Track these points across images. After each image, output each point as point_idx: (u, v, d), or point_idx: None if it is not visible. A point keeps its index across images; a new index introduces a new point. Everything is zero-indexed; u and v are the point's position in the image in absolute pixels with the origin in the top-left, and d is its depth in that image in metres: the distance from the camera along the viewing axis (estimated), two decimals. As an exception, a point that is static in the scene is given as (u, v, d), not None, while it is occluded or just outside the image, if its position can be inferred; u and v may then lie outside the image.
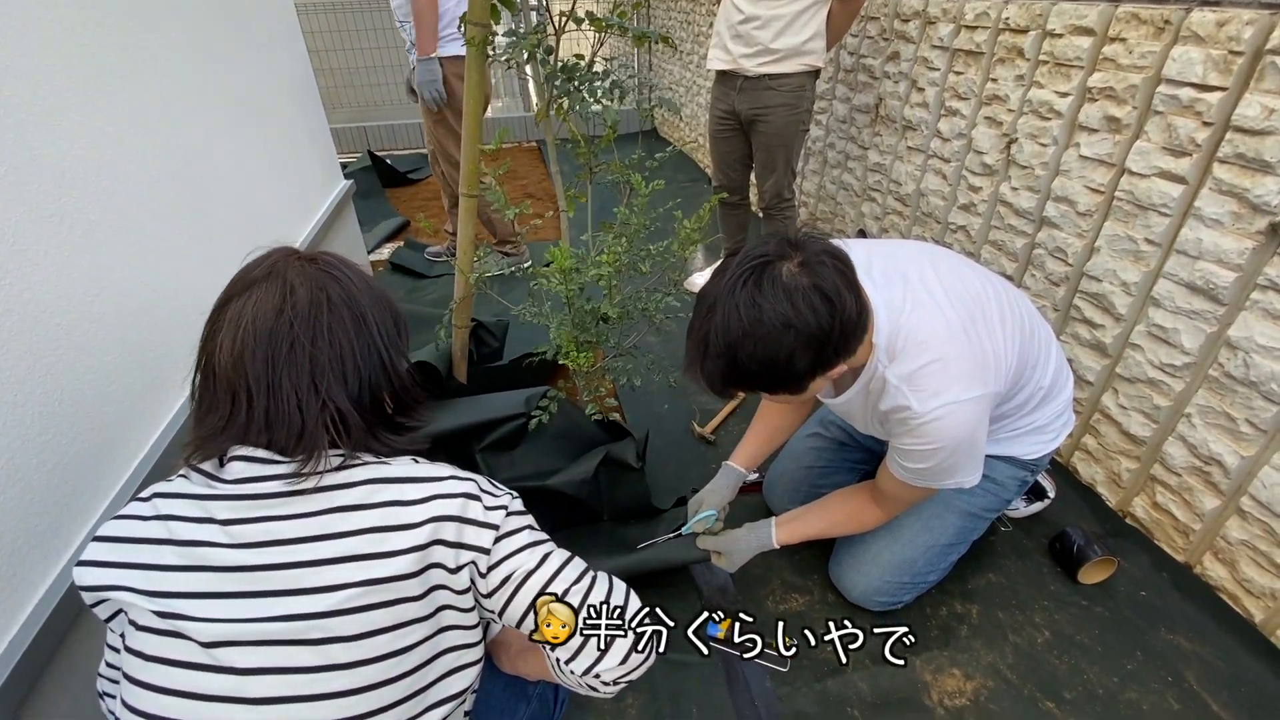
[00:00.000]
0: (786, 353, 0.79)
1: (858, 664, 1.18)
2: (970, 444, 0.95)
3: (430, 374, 1.36)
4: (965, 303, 0.97)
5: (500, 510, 0.64)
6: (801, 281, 0.78)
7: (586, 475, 1.31)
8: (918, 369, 0.92)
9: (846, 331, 0.81)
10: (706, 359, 0.82)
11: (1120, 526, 1.43)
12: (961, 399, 0.91)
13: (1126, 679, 1.15)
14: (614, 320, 1.25)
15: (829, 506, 1.19)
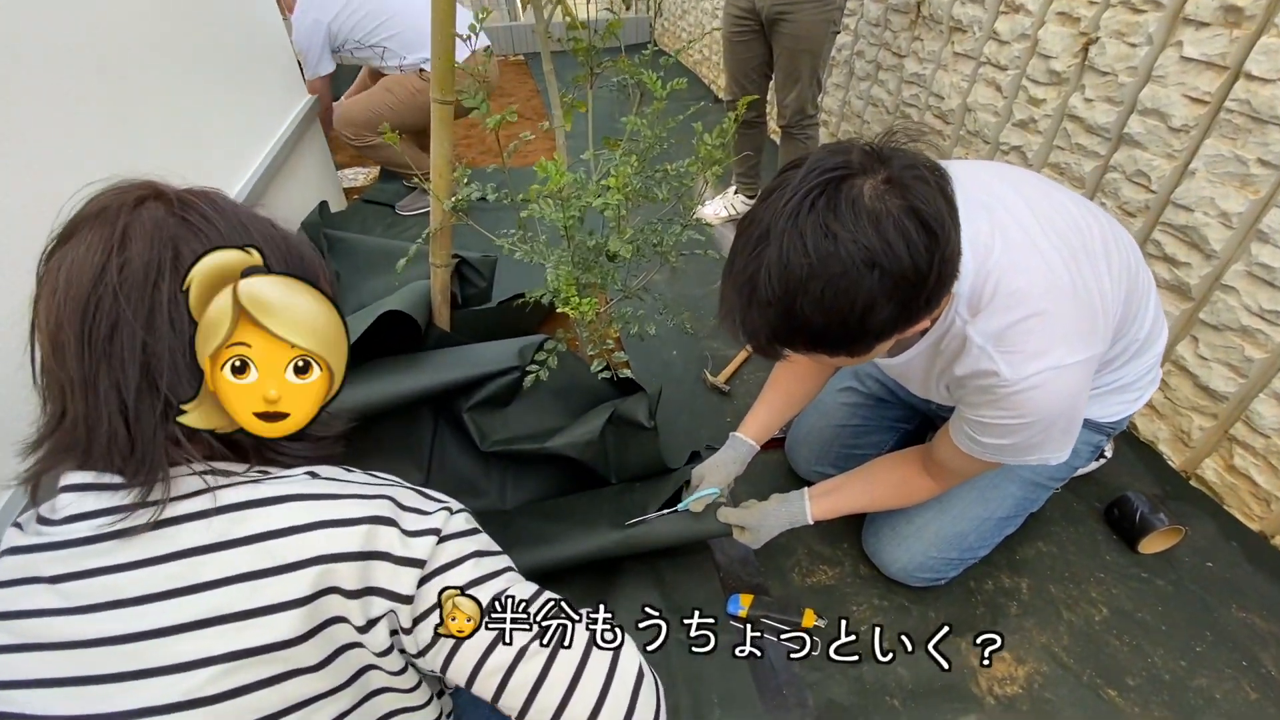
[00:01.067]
0: (865, 301, 0.59)
1: (896, 645, 1.05)
2: (1069, 416, 0.78)
3: (404, 324, 1.16)
4: (1066, 238, 0.77)
5: (427, 537, 0.47)
6: (891, 203, 0.58)
7: (592, 435, 1.15)
8: (1011, 325, 0.73)
9: (946, 274, 0.62)
10: (753, 306, 0.63)
11: (1182, 489, 1.29)
12: (1065, 363, 0.73)
13: (1196, 663, 1.03)
14: (623, 259, 1.05)
15: (872, 477, 1.04)
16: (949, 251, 0.61)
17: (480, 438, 1.15)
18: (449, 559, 0.48)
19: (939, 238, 0.59)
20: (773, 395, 1.15)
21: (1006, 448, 0.81)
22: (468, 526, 0.51)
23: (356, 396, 1.08)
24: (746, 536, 1.07)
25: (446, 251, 1.13)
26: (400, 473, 1.21)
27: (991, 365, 0.74)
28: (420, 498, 0.50)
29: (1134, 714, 0.97)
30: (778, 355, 0.67)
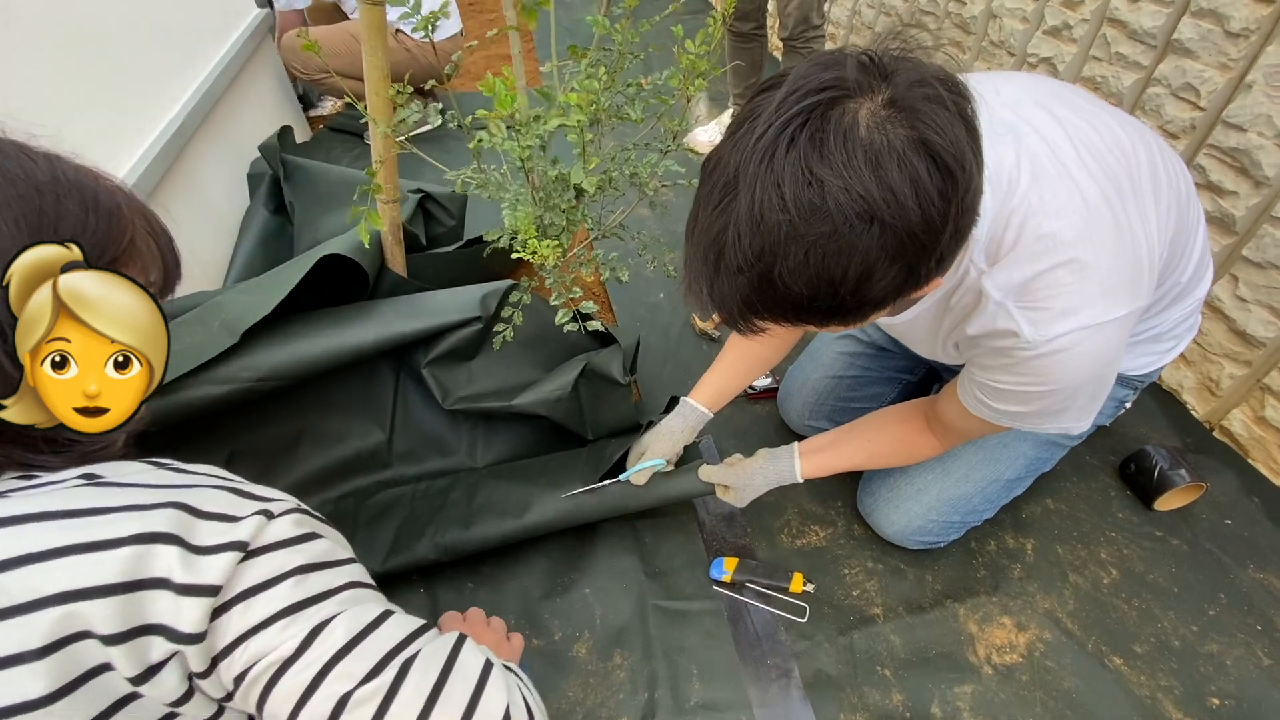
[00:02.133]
0: (861, 265, 0.47)
1: (890, 612, 0.99)
2: (1099, 382, 0.67)
3: (351, 269, 1.04)
4: (1108, 167, 0.64)
5: (225, 554, 0.38)
6: (895, 135, 0.45)
7: (563, 391, 1.05)
8: (1037, 276, 0.61)
9: (963, 225, 0.49)
10: (721, 274, 0.50)
11: (1204, 441, 1.20)
12: (1100, 320, 0.61)
13: (1207, 627, 0.97)
14: (591, 194, 0.91)
15: (868, 434, 0.94)
16: (969, 197, 0.47)
17: (442, 395, 1.05)
18: (258, 580, 0.39)
19: (956, 180, 0.46)
20: (732, 357, 1.03)
21: (1023, 415, 0.71)
22: (295, 532, 0.42)
23: (300, 350, 0.97)
24: (731, 496, 0.99)
25: (394, 185, 0.99)
26: (361, 432, 1.14)
27: (1010, 324, 0.63)
28: (233, 499, 0.41)
29: (1139, 683, 0.91)
30: (754, 328, 0.55)
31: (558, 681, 0.92)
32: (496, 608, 1.00)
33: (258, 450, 1.08)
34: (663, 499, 1.03)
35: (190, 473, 0.42)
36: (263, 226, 1.54)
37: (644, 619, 0.98)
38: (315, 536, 0.43)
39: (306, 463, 1.11)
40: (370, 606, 0.44)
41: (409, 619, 0.46)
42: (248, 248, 1.49)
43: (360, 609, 0.43)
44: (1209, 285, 0.86)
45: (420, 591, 1.02)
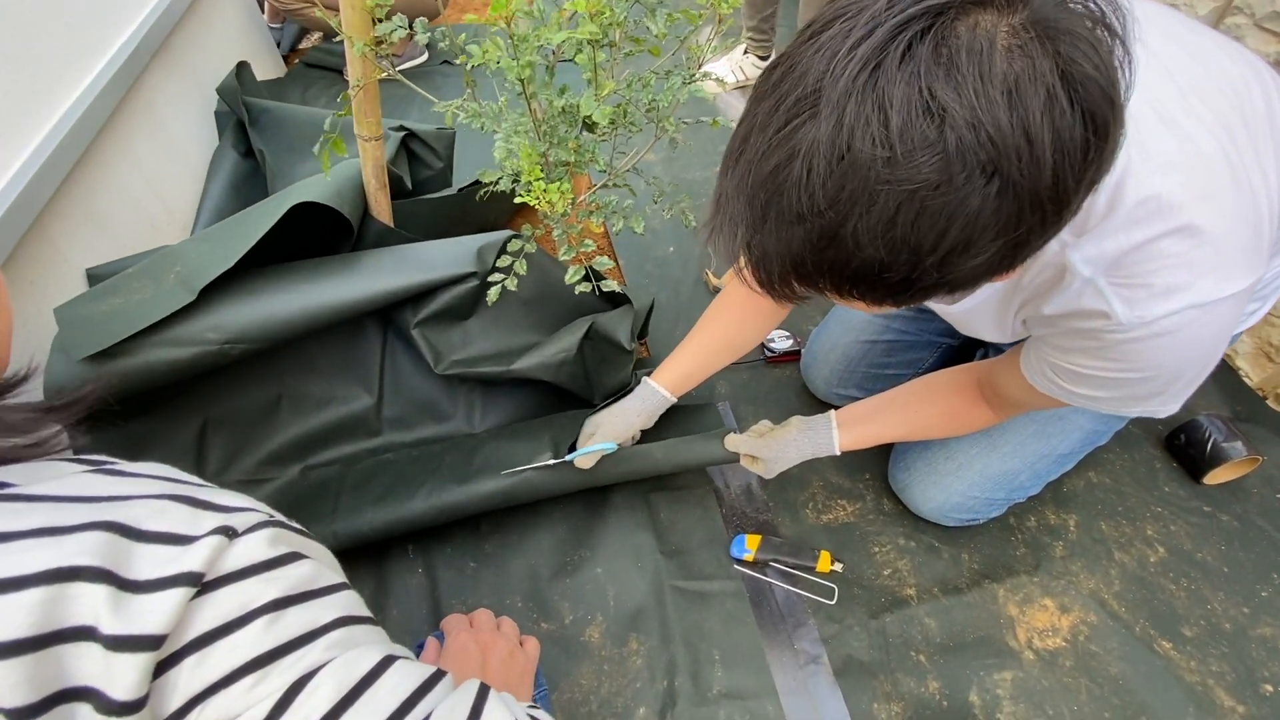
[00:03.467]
0: (962, 232, 0.35)
1: (924, 594, 0.92)
2: (1203, 366, 0.57)
3: (330, 217, 0.92)
4: (1219, 109, 0.52)
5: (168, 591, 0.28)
6: (1041, 64, 0.33)
7: (567, 354, 0.95)
8: (1137, 248, 0.50)
9: (1085, 197, 0.38)
10: (770, 220, 0.38)
11: (1257, 409, 1.13)
12: (1212, 298, 0.50)
13: (1260, 609, 0.91)
14: (604, 128, 0.79)
15: (915, 404, 0.85)
16: (1108, 161, 0.37)
17: (434, 359, 0.95)
18: (217, 621, 0.29)
19: (1106, 135, 0.35)
20: (706, 338, 0.90)
21: (1104, 399, 0.61)
22: (268, 554, 0.32)
23: (273, 309, 0.86)
24: (759, 467, 0.90)
25: (376, 120, 0.86)
26: (347, 397, 1.04)
27: (1100, 304, 0.52)
28: (185, 513, 0.31)
29: (1189, 669, 0.86)
30: (791, 295, 0.43)
31: (569, 669, 0.85)
32: (501, 589, 0.92)
33: (234, 417, 0.99)
34: (683, 465, 0.95)
35: (131, 476, 0.32)
36: (233, 169, 1.40)
37: (661, 601, 0.91)
38: (295, 558, 0.33)
39: (288, 429, 1.02)
40: (367, 652, 0.34)
41: (416, 667, 0.36)
42: (217, 193, 1.35)
43: (353, 656, 0.33)
44: None
45: (419, 572, 0.94)
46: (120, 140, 1.16)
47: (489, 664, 0.55)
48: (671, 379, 0.91)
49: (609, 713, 0.82)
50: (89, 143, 1.04)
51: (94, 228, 1.06)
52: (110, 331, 0.79)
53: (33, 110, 0.96)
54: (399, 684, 0.34)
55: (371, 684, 0.32)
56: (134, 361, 0.82)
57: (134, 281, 0.83)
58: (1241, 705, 0.83)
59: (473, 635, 0.57)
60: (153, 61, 1.28)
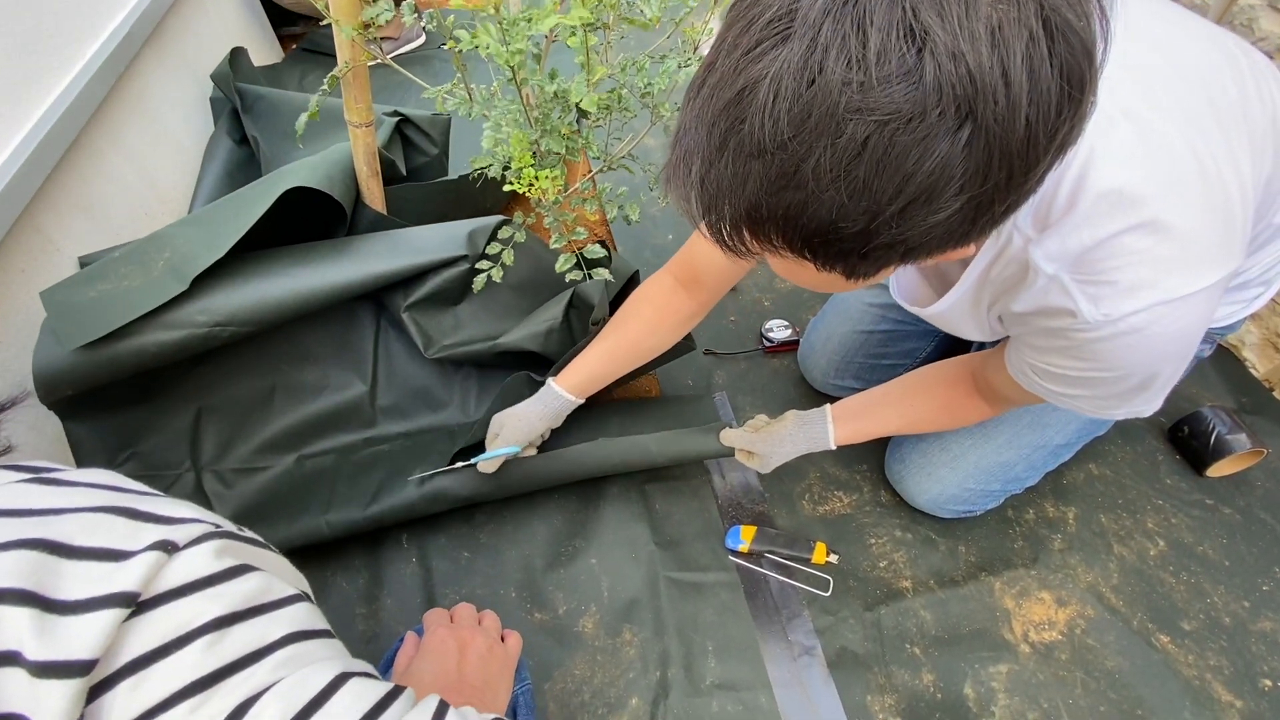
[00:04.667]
0: (928, 179, 0.33)
1: (920, 586, 0.92)
2: (1177, 363, 0.56)
3: (323, 204, 0.91)
4: (1182, 97, 0.50)
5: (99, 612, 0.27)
6: (1025, 9, 0.31)
7: (553, 323, 0.93)
8: (1100, 245, 0.48)
9: (1055, 161, 0.36)
10: (729, 153, 0.35)
11: (1263, 401, 1.11)
12: (1181, 294, 0.48)
13: (1260, 604, 0.90)
14: (596, 116, 0.78)
15: (910, 397, 0.84)
16: (1080, 123, 0.35)
17: (424, 343, 0.94)
18: (154, 643, 0.28)
19: (1083, 89, 0.33)
20: (614, 342, 0.86)
21: (1083, 398, 0.60)
22: (212, 567, 0.30)
23: (263, 292, 0.85)
24: (755, 462, 0.89)
25: (366, 105, 0.85)
26: (341, 385, 1.03)
27: (1066, 302, 0.51)
28: (123, 526, 0.29)
29: (1187, 663, 0.85)
30: (742, 248, 0.40)
31: (562, 659, 0.85)
32: (496, 579, 0.92)
33: (228, 405, 0.98)
34: (677, 459, 0.94)
35: (70, 485, 0.31)
36: (228, 156, 1.38)
37: (655, 592, 0.91)
38: (243, 571, 0.31)
39: (282, 417, 1.02)
40: (318, 671, 0.32)
41: (371, 685, 0.34)
42: (212, 180, 1.34)
43: (303, 675, 0.31)
44: None
45: (413, 562, 0.94)
46: (112, 128, 1.15)
47: (466, 660, 0.54)
48: (576, 382, 0.87)
49: (602, 703, 0.82)
50: (79, 130, 1.03)
51: (85, 216, 1.05)
52: (101, 321, 0.79)
53: (21, 98, 0.95)
54: (351, 705, 0.32)
55: (322, 705, 0.31)
56: (123, 347, 0.81)
57: (121, 266, 0.82)
58: (1240, 700, 0.82)
59: (451, 631, 0.56)
60: (145, 48, 1.26)
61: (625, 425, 0.98)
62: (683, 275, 0.81)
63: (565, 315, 0.94)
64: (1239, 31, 1.03)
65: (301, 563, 0.99)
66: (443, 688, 0.52)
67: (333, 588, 0.91)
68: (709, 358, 1.19)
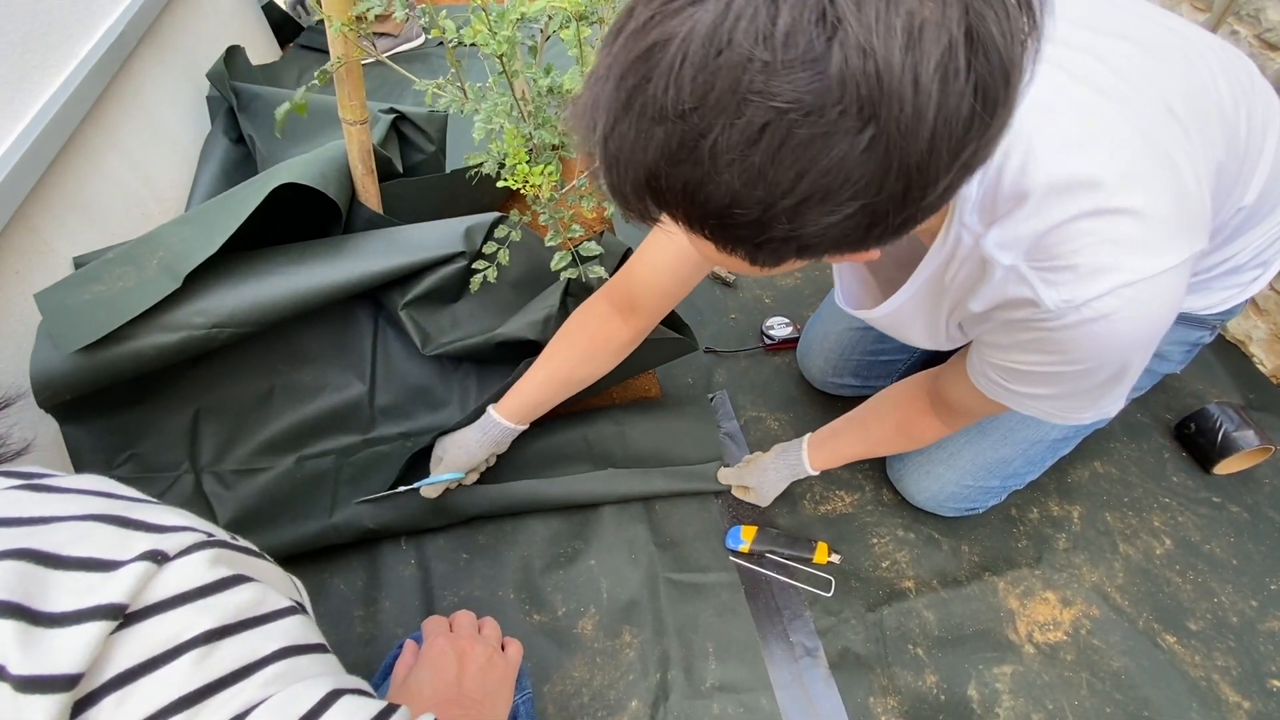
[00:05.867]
0: (822, 179, 0.31)
1: (923, 586, 0.91)
2: (1145, 349, 0.53)
3: (319, 202, 0.90)
4: (1134, 77, 0.50)
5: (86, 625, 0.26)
6: (949, 14, 0.29)
7: (550, 311, 0.92)
8: (1055, 229, 0.47)
9: (956, 183, 0.34)
10: (632, 114, 0.33)
11: (1270, 398, 1.10)
12: (1144, 275, 0.46)
13: (1268, 603, 0.89)
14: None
15: (869, 419, 0.84)
16: (988, 145, 0.33)
17: (421, 340, 0.93)
18: (142, 656, 0.27)
19: (994, 112, 0.31)
20: (548, 373, 0.84)
21: (1049, 398, 0.58)
22: (205, 578, 0.29)
23: (260, 292, 0.85)
24: (752, 496, 0.93)
25: (360, 102, 0.84)
26: (340, 385, 1.02)
27: (1025, 291, 0.49)
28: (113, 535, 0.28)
29: (1194, 664, 0.84)
30: (645, 214, 0.38)
31: (561, 661, 0.84)
32: (494, 581, 0.91)
33: (226, 406, 0.98)
34: (677, 493, 0.98)
35: (61, 492, 0.30)
36: (225, 155, 1.38)
37: (654, 593, 0.90)
38: (236, 582, 0.31)
39: (281, 418, 1.01)
40: (309, 687, 0.31)
41: (364, 703, 0.32)
42: (208, 180, 1.33)
43: (294, 692, 0.30)
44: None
45: (411, 564, 0.93)
46: (107, 127, 1.14)
47: (466, 671, 0.53)
48: (513, 410, 0.86)
49: (601, 705, 0.81)
50: (74, 129, 1.02)
51: (80, 216, 1.05)
52: (97, 323, 0.78)
53: (14, 97, 0.94)
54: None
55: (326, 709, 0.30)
56: (121, 350, 0.81)
57: (115, 267, 0.81)
58: (1247, 700, 0.81)
59: (451, 640, 0.55)
60: (140, 46, 1.25)
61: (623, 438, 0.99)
62: (619, 300, 0.78)
63: (563, 302, 0.93)
64: (1245, 23, 1.01)
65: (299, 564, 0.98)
66: (442, 699, 0.51)
67: (331, 589, 0.91)
68: (709, 356, 1.18)
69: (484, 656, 0.55)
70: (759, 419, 1.09)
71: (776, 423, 1.09)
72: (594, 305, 0.81)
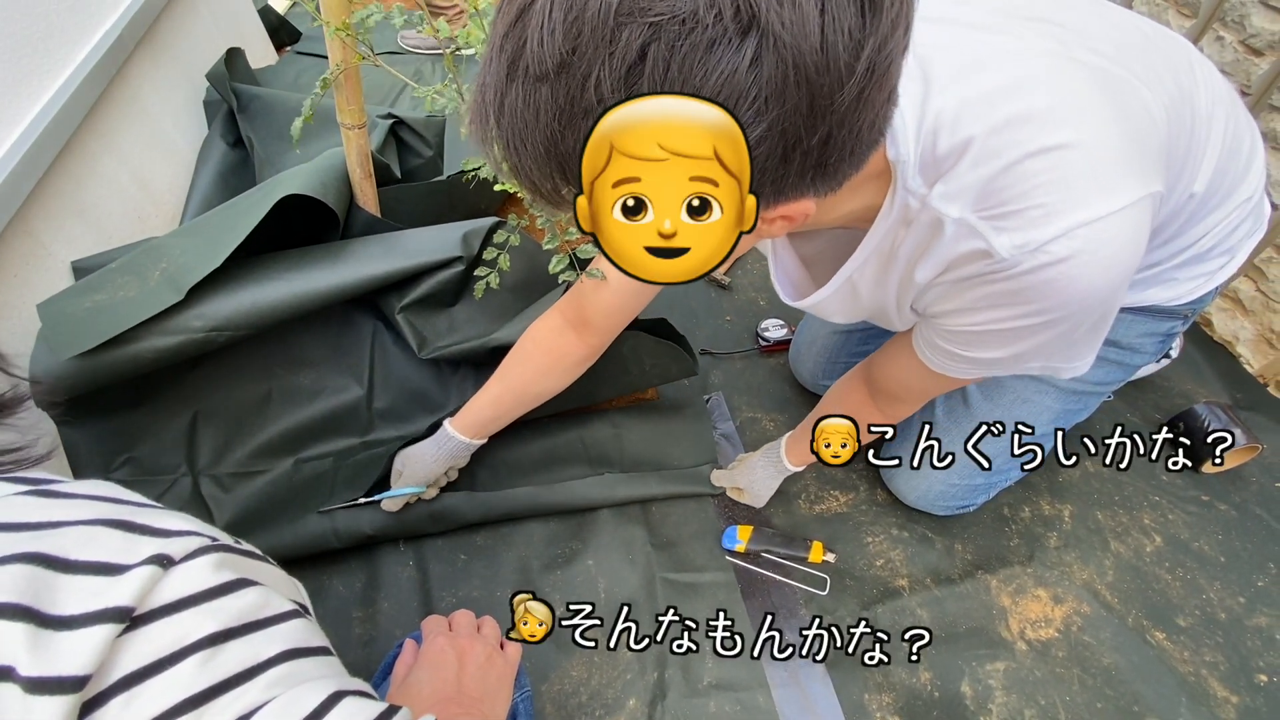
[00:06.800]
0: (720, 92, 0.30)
1: (917, 584, 0.92)
2: (1113, 293, 0.49)
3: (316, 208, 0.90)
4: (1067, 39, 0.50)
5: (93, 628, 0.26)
6: None
7: None
8: (1001, 173, 0.45)
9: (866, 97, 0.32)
10: (516, 80, 0.32)
11: (1258, 397, 1.11)
12: (1102, 213, 0.44)
13: (1255, 599, 0.90)
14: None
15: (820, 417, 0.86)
16: (884, 53, 0.31)
17: (418, 344, 0.94)
18: (148, 659, 0.27)
19: (879, 14, 0.30)
20: (502, 388, 0.84)
21: (1002, 361, 0.56)
22: (210, 581, 0.30)
23: (258, 297, 0.85)
24: (746, 498, 0.95)
25: (358, 107, 0.85)
26: (337, 388, 1.03)
27: (976, 243, 0.47)
28: (120, 539, 0.29)
29: (1183, 659, 0.85)
30: (556, 195, 0.36)
31: (560, 661, 0.85)
32: (492, 581, 0.92)
33: (224, 409, 0.98)
34: (669, 495, 0.99)
35: (67, 498, 0.30)
36: (222, 160, 1.38)
37: (652, 592, 0.90)
38: (240, 585, 0.31)
39: (279, 421, 1.01)
40: (312, 689, 0.31)
41: (366, 704, 0.33)
42: (205, 184, 1.34)
43: (297, 694, 0.30)
44: (1261, 177, 0.68)
45: (409, 564, 0.94)
46: (104, 131, 1.15)
47: (465, 670, 0.54)
48: (469, 425, 0.86)
49: (599, 705, 0.82)
50: (72, 133, 1.02)
51: (78, 220, 1.05)
52: (96, 330, 0.79)
53: (12, 101, 0.94)
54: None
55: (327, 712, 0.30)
56: (119, 353, 0.81)
57: (118, 277, 0.81)
58: (1235, 695, 0.82)
59: (450, 640, 0.56)
60: (137, 50, 1.26)
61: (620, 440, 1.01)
62: (572, 316, 0.78)
63: None
64: (1231, 29, 1.03)
65: (298, 566, 0.98)
66: (442, 698, 0.52)
67: (329, 591, 0.91)
68: (705, 357, 1.19)
69: (483, 656, 0.56)
70: (755, 420, 1.11)
71: (772, 423, 1.10)
72: (549, 319, 0.81)
